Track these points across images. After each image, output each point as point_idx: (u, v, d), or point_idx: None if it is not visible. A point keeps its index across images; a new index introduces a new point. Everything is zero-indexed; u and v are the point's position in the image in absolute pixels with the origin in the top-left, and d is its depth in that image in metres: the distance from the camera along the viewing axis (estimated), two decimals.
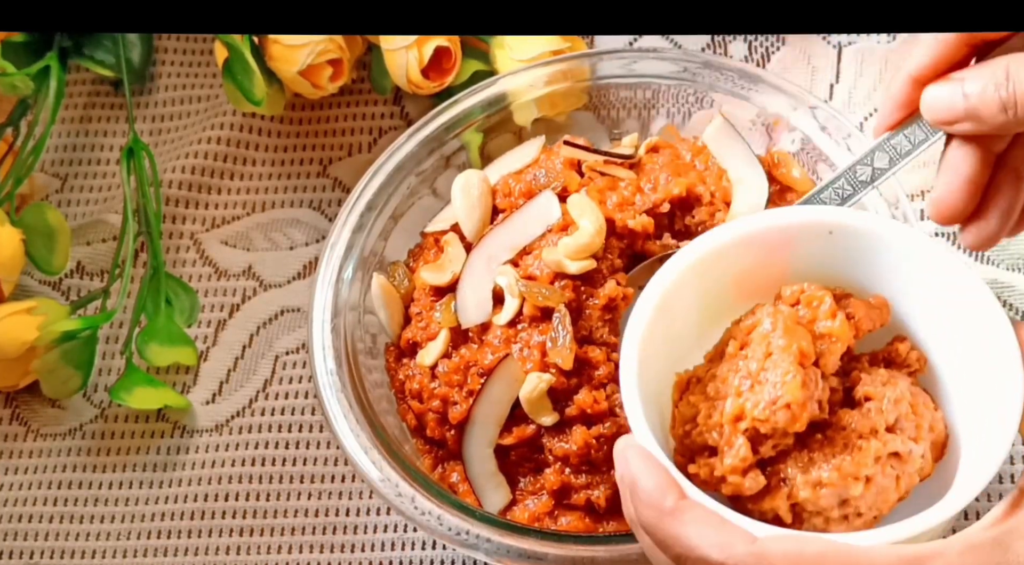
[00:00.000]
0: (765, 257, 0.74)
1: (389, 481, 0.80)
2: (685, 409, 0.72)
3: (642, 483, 0.65)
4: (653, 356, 0.72)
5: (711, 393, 0.71)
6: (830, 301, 0.72)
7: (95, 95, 1.10)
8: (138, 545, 0.92)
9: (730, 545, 0.62)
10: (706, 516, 0.63)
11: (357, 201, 0.90)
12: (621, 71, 0.93)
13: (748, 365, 0.70)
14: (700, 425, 0.70)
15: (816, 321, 0.72)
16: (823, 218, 0.74)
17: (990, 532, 0.62)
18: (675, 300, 0.73)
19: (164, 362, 0.96)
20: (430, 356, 0.85)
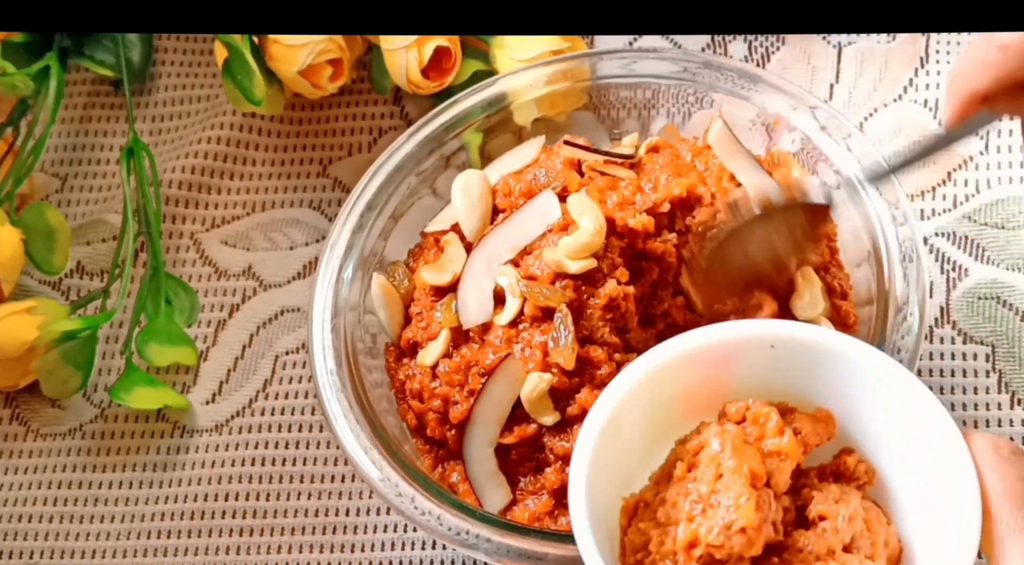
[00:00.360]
0: (708, 373, 0.73)
1: (389, 481, 0.80)
2: (635, 537, 0.70)
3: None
4: (601, 479, 0.71)
5: (661, 519, 0.70)
6: (776, 417, 0.71)
7: (95, 95, 1.10)
8: (138, 545, 0.92)
9: None
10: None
11: (357, 201, 0.90)
12: (621, 71, 0.93)
13: (698, 488, 0.69)
14: (652, 553, 0.69)
15: (764, 438, 0.71)
16: (764, 332, 0.73)
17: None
18: (622, 420, 0.72)
19: (164, 362, 0.96)
20: (431, 356, 0.85)
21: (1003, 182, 0.94)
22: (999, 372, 0.89)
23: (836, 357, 0.72)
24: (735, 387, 0.73)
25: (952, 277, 0.92)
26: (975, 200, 0.94)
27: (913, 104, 0.98)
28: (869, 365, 0.71)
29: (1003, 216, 0.93)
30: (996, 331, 0.90)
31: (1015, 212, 0.93)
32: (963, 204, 0.94)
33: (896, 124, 0.97)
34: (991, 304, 0.91)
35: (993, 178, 0.94)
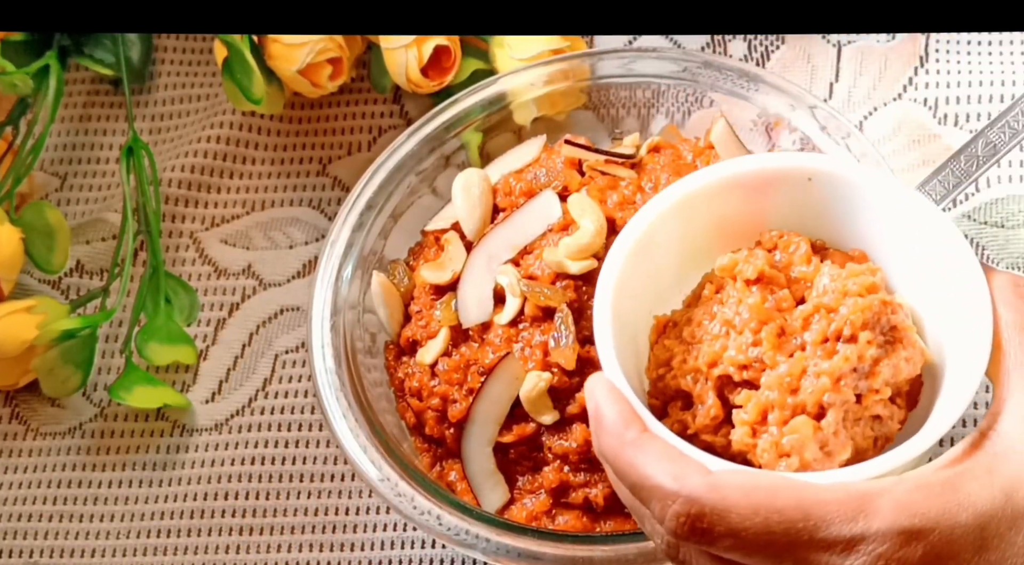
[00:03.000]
0: (746, 202, 0.75)
1: (388, 480, 0.80)
2: (660, 352, 0.73)
3: (605, 414, 0.67)
4: (631, 296, 0.72)
5: (686, 337, 0.72)
6: (806, 247, 0.73)
7: (95, 94, 1.10)
8: (137, 544, 0.92)
9: (684, 476, 0.63)
10: (664, 448, 0.65)
11: (357, 200, 0.90)
12: (621, 71, 0.93)
13: (723, 310, 0.71)
14: (674, 369, 0.71)
15: (792, 266, 0.72)
16: (803, 164, 0.74)
17: (942, 473, 0.63)
18: (656, 240, 0.74)
19: (164, 361, 0.96)
20: (430, 354, 0.85)
21: (1002, 181, 0.94)
22: None
23: (869, 193, 0.73)
24: (773, 220, 0.75)
25: None
26: (975, 199, 0.94)
27: (912, 103, 0.98)
28: (901, 201, 0.72)
29: (1003, 215, 0.93)
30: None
31: (1015, 211, 0.93)
32: (963, 203, 0.94)
33: (895, 123, 0.97)
34: None
35: (992, 177, 0.94)
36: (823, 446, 0.67)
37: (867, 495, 0.62)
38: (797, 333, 0.70)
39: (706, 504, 0.62)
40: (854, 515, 0.61)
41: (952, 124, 0.97)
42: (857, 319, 0.69)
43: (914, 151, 0.96)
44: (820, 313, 0.70)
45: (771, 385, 0.68)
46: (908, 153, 0.96)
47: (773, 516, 0.61)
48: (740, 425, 0.69)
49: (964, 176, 0.75)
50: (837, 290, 0.70)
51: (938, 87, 0.98)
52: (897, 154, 0.96)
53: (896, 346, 0.70)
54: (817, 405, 0.68)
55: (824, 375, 0.68)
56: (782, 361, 0.69)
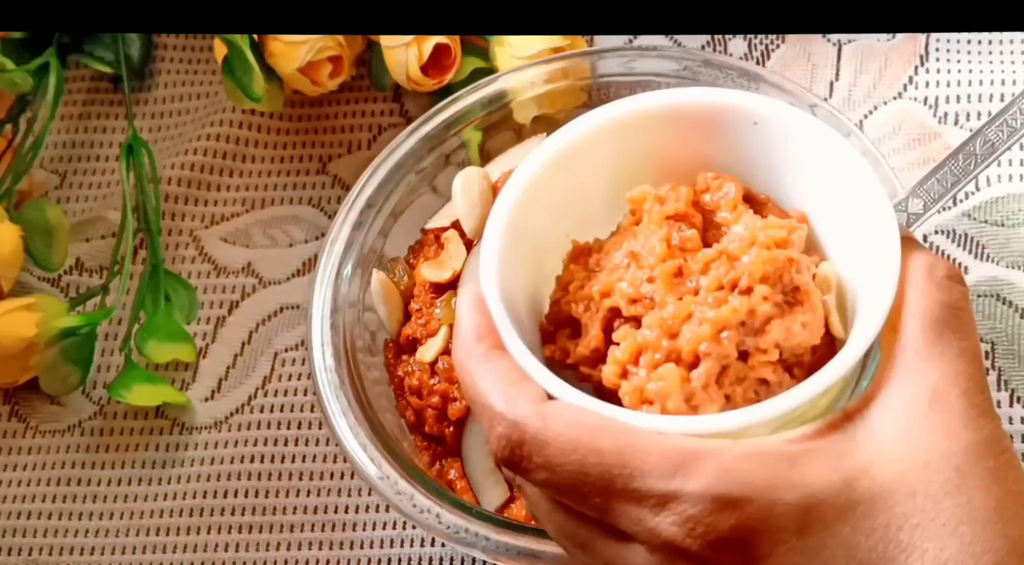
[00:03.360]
0: (688, 138, 0.71)
1: (387, 478, 0.80)
2: (565, 276, 0.70)
3: (462, 323, 0.66)
4: (544, 209, 0.69)
5: (591, 264, 0.69)
6: (735, 192, 0.69)
7: (94, 92, 1.10)
8: (137, 542, 0.92)
9: (516, 400, 0.62)
10: (507, 368, 0.63)
11: (357, 198, 0.90)
12: (621, 69, 0.93)
13: (631, 243, 0.68)
14: (570, 294, 0.69)
15: (717, 211, 0.70)
16: (748, 104, 0.70)
17: (786, 447, 0.59)
18: (582, 157, 0.70)
19: (163, 359, 0.96)
20: (430, 352, 0.85)
21: (1003, 180, 0.94)
22: (998, 369, 0.89)
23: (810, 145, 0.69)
24: (714, 165, 0.71)
25: None
26: (975, 198, 0.94)
27: (913, 102, 0.98)
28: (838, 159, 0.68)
29: (1003, 214, 0.93)
30: (996, 329, 0.90)
31: (1015, 210, 0.93)
32: (963, 202, 0.94)
33: (896, 122, 0.97)
34: (991, 301, 0.91)
35: (993, 176, 0.94)
36: (689, 398, 0.63)
37: (693, 453, 0.59)
38: (694, 276, 0.66)
39: (527, 431, 0.61)
40: (673, 471, 0.58)
41: (952, 123, 0.97)
42: (756, 271, 0.65)
43: (914, 150, 0.96)
44: (721, 259, 0.66)
45: (651, 325, 0.65)
46: (908, 152, 0.96)
47: (590, 456, 0.59)
48: (612, 363, 0.65)
49: (963, 174, 0.74)
50: (746, 239, 0.67)
51: (938, 86, 0.98)
52: (897, 153, 0.96)
53: (795, 308, 0.66)
54: (693, 354, 0.64)
55: (707, 322, 0.64)
56: (670, 302, 0.65)
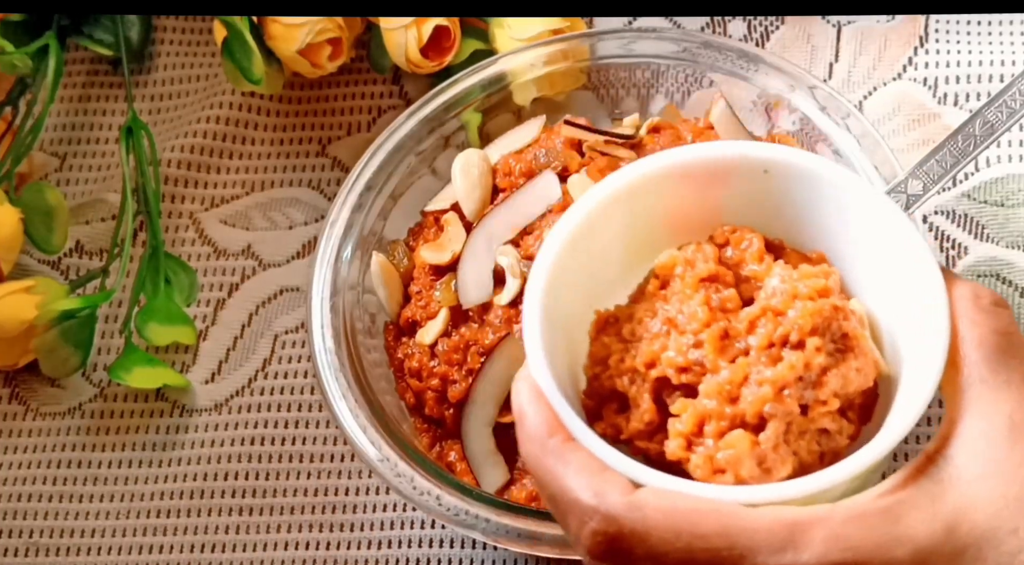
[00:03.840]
0: (698, 194, 0.70)
1: (387, 461, 0.80)
2: (598, 349, 0.69)
3: (528, 419, 0.64)
4: (568, 287, 0.68)
5: (626, 335, 0.68)
6: (759, 243, 0.69)
7: (94, 74, 1.09)
8: (137, 524, 0.92)
9: (605, 492, 0.60)
10: (586, 460, 0.62)
11: (356, 180, 0.90)
12: (620, 51, 0.93)
13: (666, 309, 0.67)
14: (611, 368, 0.68)
15: (743, 264, 0.69)
16: (757, 154, 0.70)
17: (882, 501, 0.59)
18: (596, 229, 0.70)
19: (163, 341, 0.96)
20: (429, 335, 0.85)
21: (1002, 160, 0.94)
22: None
23: (829, 188, 0.69)
24: (726, 215, 0.71)
25: (951, 255, 0.92)
26: (974, 178, 0.94)
27: (912, 83, 0.98)
28: (862, 200, 0.68)
29: (1002, 194, 0.93)
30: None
31: (1014, 190, 0.93)
32: (962, 182, 0.94)
33: (895, 103, 0.97)
34: (991, 282, 0.91)
35: (992, 156, 0.94)
36: (761, 462, 0.63)
37: (798, 524, 0.58)
38: (741, 336, 0.66)
39: (625, 524, 0.59)
40: (783, 545, 0.58)
41: (952, 104, 0.97)
42: (806, 324, 0.65)
43: (914, 131, 0.96)
44: (767, 316, 0.66)
45: (710, 393, 0.64)
46: (908, 133, 0.96)
47: (696, 542, 0.58)
48: (675, 436, 0.64)
49: (961, 156, 0.74)
50: (787, 292, 0.66)
51: (938, 67, 0.98)
52: (896, 134, 0.96)
53: (847, 355, 0.66)
54: (757, 416, 0.63)
55: (767, 383, 0.64)
56: (723, 366, 0.65)
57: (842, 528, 0.58)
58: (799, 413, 0.64)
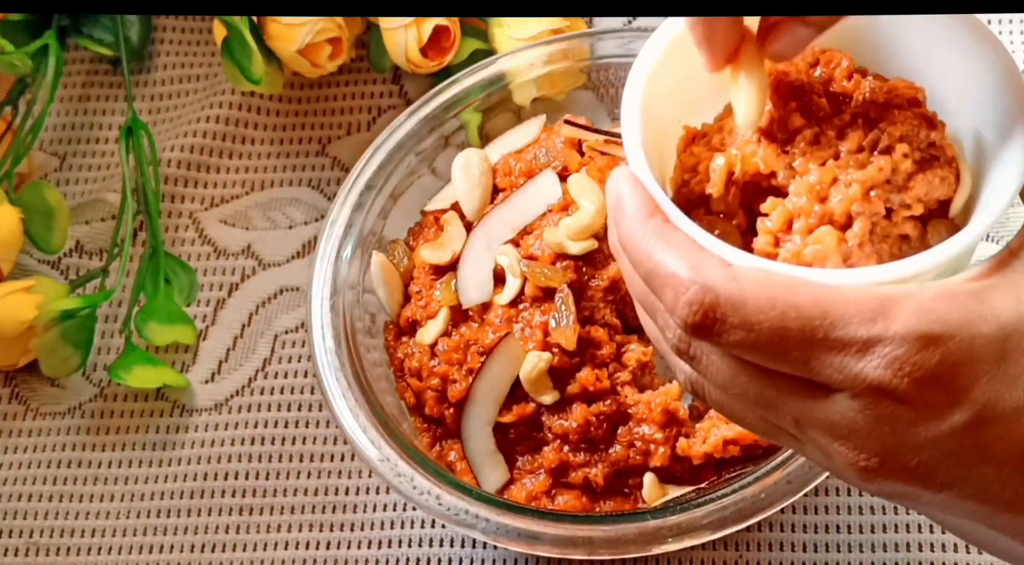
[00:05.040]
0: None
1: (388, 460, 0.80)
2: (687, 159, 0.70)
3: (627, 201, 0.65)
4: (660, 97, 0.69)
5: (716, 144, 0.69)
6: (848, 62, 0.69)
7: (94, 74, 1.09)
8: (137, 524, 0.92)
9: (702, 265, 0.61)
10: (685, 238, 0.63)
11: (356, 180, 0.90)
12: (620, 51, 0.93)
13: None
14: (700, 174, 0.69)
15: (832, 81, 0.70)
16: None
17: (968, 285, 0.61)
18: (690, 46, 0.69)
19: (163, 341, 0.96)
20: (430, 334, 0.85)
21: None
22: None
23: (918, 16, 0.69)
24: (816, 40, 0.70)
25: None
26: None
27: None
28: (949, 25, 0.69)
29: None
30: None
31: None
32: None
33: None
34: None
35: None
36: (846, 258, 0.64)
37: (889, 298, 0.59)
38: (832, 142, 0.67)
39: (721, 293, 0.60)
40: (874, 316, 0.59)
41: None
42: (895, 130, 0.66)
43: None
44: (857, 123, 0.67)
45: (799, 192, 0.65)
46: None
47: (790, 311, 0.59)
48: (763, 233, 0.65)
49: None
50: (877, 102, 0.67)
51: None
52: None
53: (933, 163, 0.67)
54: (845, 215, 0.65)
55: (855, 183, 0.65)
56: (813, 169, 0.66)
57: (931, 302, 0.59)
58: (884, 215, 0.66)
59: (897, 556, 0.85)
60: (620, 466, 0.82)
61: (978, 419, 0.59)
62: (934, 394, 0.59)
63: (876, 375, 0.59)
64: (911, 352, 0.58)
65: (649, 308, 0.65)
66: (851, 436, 0.60)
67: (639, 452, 0.81)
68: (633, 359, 0.83)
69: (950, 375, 0.59)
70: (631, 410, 0.82)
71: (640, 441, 0.81)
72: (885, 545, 0.85)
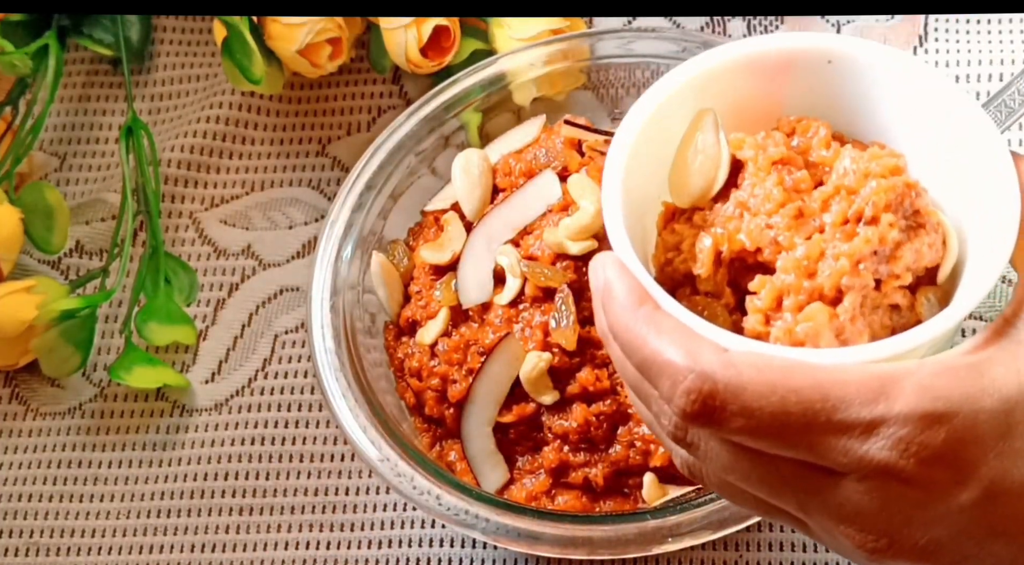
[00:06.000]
0: (762, 85, 0.71)
1: (388, 460, 0.80)
2: (668, 237, 0.69)
3: (616, 287, 0.64)
4: (639, 177, 0.69)
5: (697, 221, 0.68)
6: (826, 131, 0.69)
7: (94, 74, 1.09)
8: (137, 524, 0.92)
9: (698, 352, 0.60)
10: (678, 325, 0.62)
11: (356, 180, 0.90)
12: (620, 51, 0.93)
13: (737, 193, 0.68)
14: (684, 253, 0.68)
15: (811, 151, 0.69)
16: (821, 44, 0.70)
17: (967, 358, 0.60)
18: (667, 120, 0.70)
19: (163, 341, 0.96)
20: (430, 334, 0.85)
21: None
22: None
23: (890, 76, 0.69)
24: (789, 107, 0.71)
25: None
26: None
27: None
28: (925, 84, 0.69)
29: None
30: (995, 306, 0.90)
31: None
32: None
33: None
34: None
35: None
36: (839, 334, 0.64)
37: (889, 377, 0.59)
38: (816, 215, 0.66)
39: (719, 380, 0.59)
40: (875, 397, 0.58)
41: None
42: (880, 200, 0.65)
43: None
44: (841, 194, 0.66)
45: (787, 269, 0.65)
46: None
47: (790, 396, 0.59)
48: (753, 312, 0.65)
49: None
50: (859, 171, 0.66)
51: (937, 66, 0.98)
52: None
53: (919, 231, 0.66)
54: (835, 289, 0.64)
55: (843, 257, 0.64)
56: (799, 243, 0.65)
57: (931, 380, 0.59)
58: (873, 287, 0.65)
59: None
60: (620, 466, 0.82)
61: (987, 496, 0.58)
62: (941, 473, 0.58)
63: (882, 457, 0.58)
64: (915, 432, 0.58)
65: (643, 395, 0.64)
66: (858, 518, 0.59)
67: (639, 452, 0.81)
68: None
69: (956, 453, 0.58)
70: (631, 410, 0.82)
71: (640, 441, 0.81)
72: None
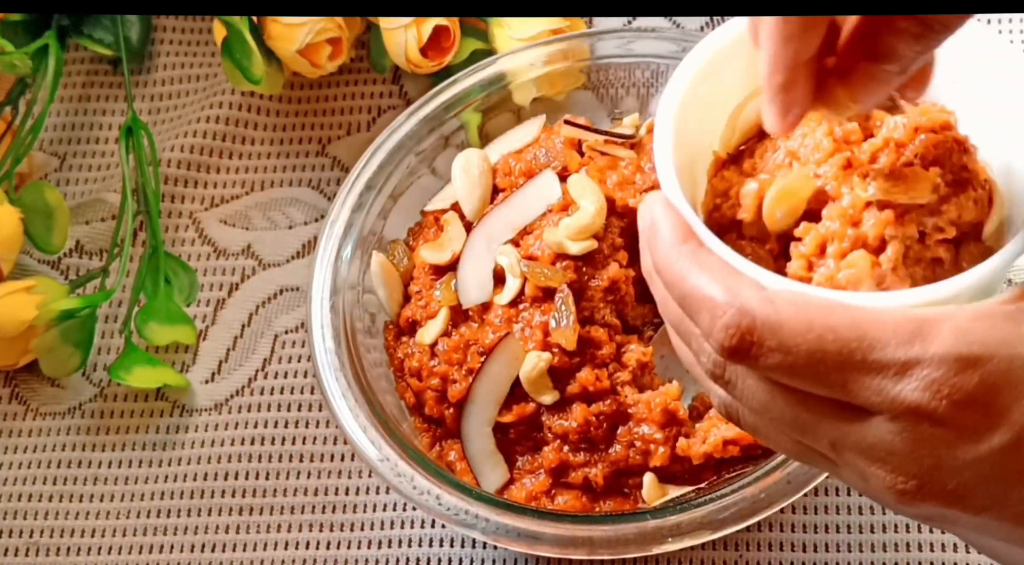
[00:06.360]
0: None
1: (388, 460, 0.80)
2: (718, 183, 0.70)
3: (661, 225, 0.64)
4: (691, 123, 0.69)
5: (747, 169, 0.69)
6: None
7: (94, 74, 1.09)
8: (137, 523, 0.92)
9: (738, 288, 0.61)
10: (720, 262, 0.62)
11: (356, 180, 0.90)
12: (620, 51, 0.93)
13: (788, 143, 0.68)
14: (732, 199, 0.69)
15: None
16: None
17: (1005, 306, 0.60)
18: (722, 67, 0.70)
19: (163, 341, 0.96)
20: (429, 334, 0.85)
21: None
22: None
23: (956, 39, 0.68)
24: None
25: None
26: None
27: None
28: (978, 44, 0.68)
29: None
30: None
31: None
32: None
33: None
34: None
35: None
36: (880, 282, 0.64)
37: (926, 320, 0.59)
38: (864, 166, 0.67)
39: (758, 317, 0.59)
40: (911, 338, 0.58)
41: None
42: (928, 153, 0.66)
43: None
44: (890, 147, 0.66)
45: (832, 216, 0.65)
46: None
47: (827, 334, 0.59)
48: (797, 258, 0.65)
49: None
50: (908, 125, 0.67)
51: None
52: None
53: (966, 186, 0.67)
54: (878, 239, 0.65)
55: (889, 207, 0.65)
56: (846, 192, 0.66)
57: (968, 324, 0.59)
58: (917, 239, 0.65)
59: (897, 556, 0.85)
60: (620, 466, 0.82)
61: (1018, 441, 0.58)
62: (973, 416, 0.58)
63: (914, 397, 0.58)
64: (949, 374, 0.58)
65: (683, 333, 0.64)
66: (889, 459, 0.59)
67: (639, 452, 0.81)
68: (633, 359, 0.83)
69: (989, 397, 0.58)
70: (631, 410, 0.82)
71: (640, 441, 0.81)
72: (885, 545, 0.85)
